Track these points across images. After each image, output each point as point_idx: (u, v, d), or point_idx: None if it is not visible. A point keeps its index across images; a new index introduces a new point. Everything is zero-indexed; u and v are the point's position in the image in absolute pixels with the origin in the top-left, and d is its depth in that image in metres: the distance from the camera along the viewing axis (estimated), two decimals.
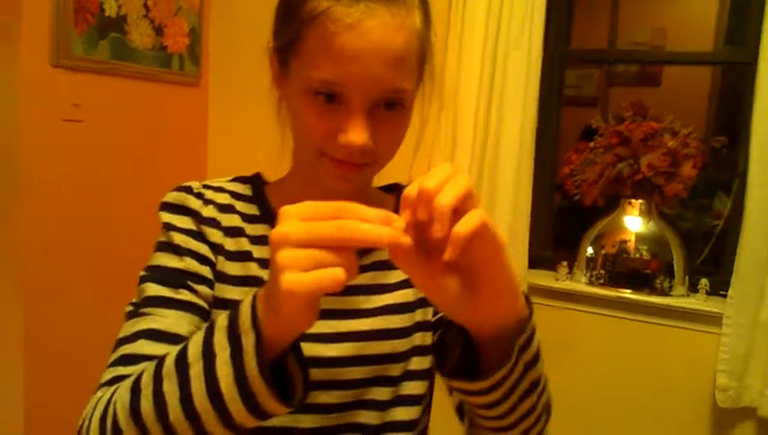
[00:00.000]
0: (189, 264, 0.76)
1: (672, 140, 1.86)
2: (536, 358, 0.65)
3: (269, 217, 0.81)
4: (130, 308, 0.74)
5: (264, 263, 0.78)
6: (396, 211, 0.61)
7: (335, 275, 0.50)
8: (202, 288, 0.76)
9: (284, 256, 0.50)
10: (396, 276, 0.83)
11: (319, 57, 0.67)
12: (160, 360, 0.61)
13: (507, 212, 2.04)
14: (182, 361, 0.58)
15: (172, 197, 0.80)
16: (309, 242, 0.50)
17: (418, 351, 0.82)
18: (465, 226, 0.51)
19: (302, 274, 0.50)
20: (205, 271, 0.77)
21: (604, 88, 3.82)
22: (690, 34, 3.69)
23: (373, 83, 0.67)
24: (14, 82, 1.83)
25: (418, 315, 0.83)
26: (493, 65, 2.01)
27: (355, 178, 0.73)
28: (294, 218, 0.51)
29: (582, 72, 3.95)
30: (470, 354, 0.65)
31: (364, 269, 0.81)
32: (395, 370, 0.80)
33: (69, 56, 1.94)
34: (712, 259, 2.24)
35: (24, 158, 1.86)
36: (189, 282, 0.75)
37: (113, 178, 2.11)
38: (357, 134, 0.68)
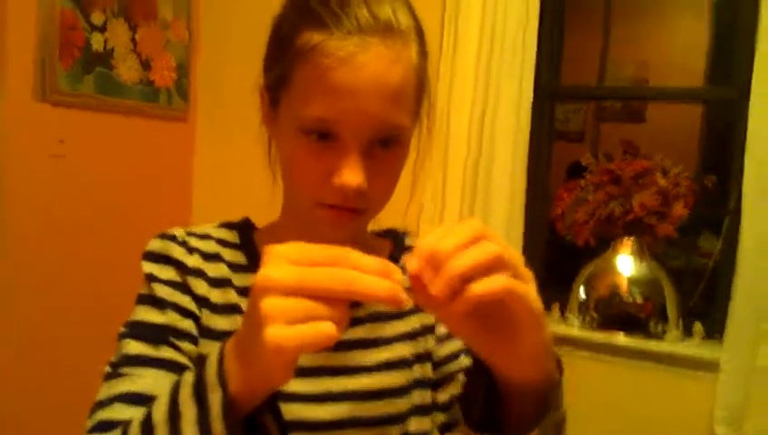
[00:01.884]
0: (171, 318, 0.71)
1: (663, 179, 1.85)
2: (563, 422, 0.62)
3: (257, 266, 0.77)
4: (108, 369, 0.69)
5: None
6: (393, 259, 0.58)
7: (327, 330, 0.45)
8: (185, 344, 0.71)
9: (270, 304, 0.45)
10: (393, 329, 0.79)
11: (311, 93, 0.64)
12: (126, 425, 0.57)
13: None
14: (147, 425, 0.54)
15: (155, 245, 0.75)
16: (299, 291, 0.46)
17: (418, 411, 0.78)
18: (481, 287, 0.48)
19: (290, 327, 0.45)
20: (188, 325, 0.72)
21: (591, 123, 3.84)
22: (673, 68, 3.74)
23: (369, 120, 0.64)
24: None
25: (417, 372, 0.79)
26: (485, 98, 2.01)
27: (350, 225, 0.70)
28: (283, 261, 0.47)
29: (569, 106, 3.99)
30: (495, 405, 0.62)
31: (358, 322, 0.77)
32: (392, 433, 0.75)
33: (54, 91, 1.91)
34: (704, 299, 2.22)
35: (8, 193, 1.82)
36: (171, 338, 0.70)
37: (98, 214, 2.06)
38: (351, 175, 0.64)
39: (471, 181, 2.05)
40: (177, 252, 0.75)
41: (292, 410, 0.69)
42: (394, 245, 0.85)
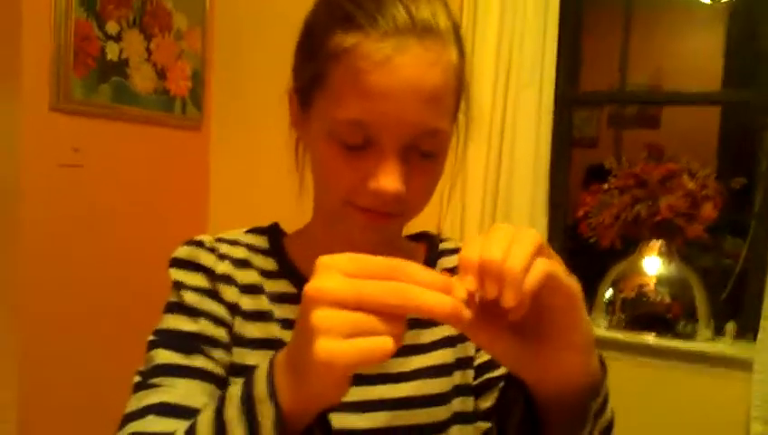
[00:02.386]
0: (203, 326, 0.68)
1: (691, 182, 1.82)
2: (611, 426, 0.58)
3: (289, 273, 0.74)
4: (138, 378, 0.66)
5: (287, 323, 0.71)
6: (427, 264, 0.54)
7: (383, 345, 0.42)
8: (218, 353, 0.68)
9: (322, 317, 0.42)
10: (432, 335, 0.75)
11: (346, 96, 0.61)
12: None
13: None
14: None
15: (183, 252, 0.72)
16: (355, 304, 0.42)
17: (459, 418, 0.74)
18: (529, 281, 0.44)
19: (344, 341, 0.42)
20: (221, 334, 0.69)
21: (606, 129, 3.81)
22: (687, 73, 3.71)
23: (407, 124, 0.61)
24: (14, 126, 1.78)
25: (457, 378, 0.75)
26: (504, 105, 1.98)
27: (384, 228, 0.66)
28: (335, 272, 0.43)
29: (582, 113, 3.96)
30: (534, 416, 0.57)
31: None
32: None
33: (69, 100, 1.89)
34: (732, 300, 2.17)
35: (23, 202, 1.80)
36: (204, 346, 0.67)
37: (113, 223, 2.04)
38: (389, 180, 0.61)
39: (492, 188, 2.01)
40: (207, 258, 0.72)
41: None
42: (428, 249, 0.81)
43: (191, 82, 2.31)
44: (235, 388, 0.50)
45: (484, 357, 0.76)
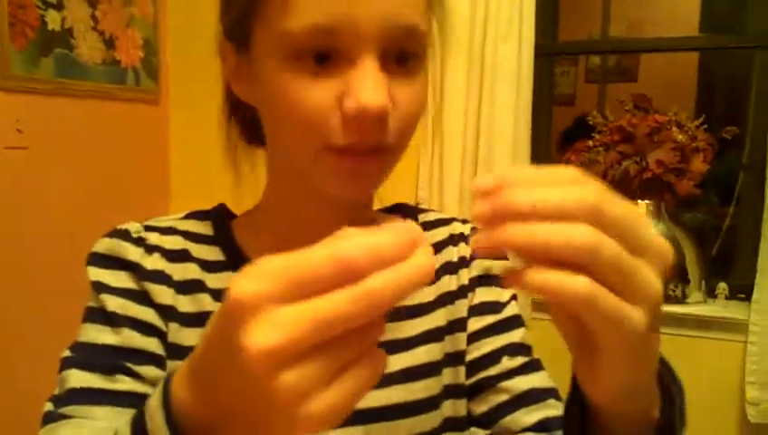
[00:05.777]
0: (128, 337, 0.56)
1: (681, 134, 1.72)
2: None
3: (237, 262, 0.61)
4: (49, 407, 0.53)
5: None
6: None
7: (367, 380, 0.32)
8: (148, 369, 0.56)
9: (291, 381, 0.30)
10: (413, 328, 0.63)
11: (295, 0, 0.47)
12: None
13: None
14: None
15: (103, 245, 0.60)
16: (314, 343, 0.30)
17: (450, 425, 0.63)
18: (543, 280, 0.32)
19: (325, 395, 0.31)
20: (151, 345, 0.57)
21: (582, 85, 3.71)
22: (663, 23, 3.61)
23: (381, 20, 0.48)
24: None
25: (447, 377, 0.63)
26: (481, 62, 1.85)
27: (370, 174, 0.53)
28: (272, 306, 0.30)
29: (558, 69, 3.84)
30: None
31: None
32: None
33: (8, 76, 1.72)
34: (722, 260, 2.11)
35: None
36: (128, 363, 0.55)
37: (66, 208, 1.88)
38: (372, 94, 0.47)
39: (471, 149, 1.90)
40: (132, 252, 0.59)
41: None
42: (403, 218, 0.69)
43: (143, 51, 2.14)
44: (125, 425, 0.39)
45: (478, 352, 0.64)
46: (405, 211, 0.71)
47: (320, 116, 0.49)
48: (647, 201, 1.84)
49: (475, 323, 0.65)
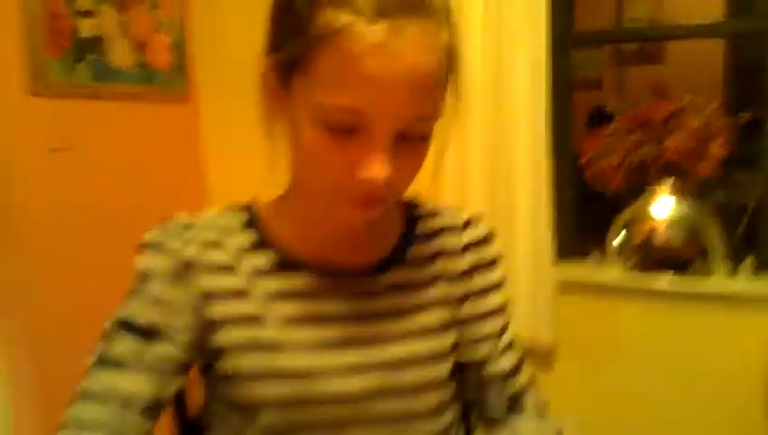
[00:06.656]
0: (165, 316, 0.70)
1: (696, 119, 1.73)
2: None
3: (265, 245, 0.74)
4: (93, 361, 0.73)
5: (268, 297, 0.72)
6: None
7: None
8: (181, 336, 0.70)
9: None
10: (420, 297, 0.77)
11: (337, 81, 0.57)
12: None
13: (526, 207, 1.92)
14: None
15: (149, 236, 0.73)
16: None
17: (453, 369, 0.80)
18: None
19: None
20: (181, 323, 0.70)
21: (608, 68, 3.69)
22: (688, 4, 3.56)
23: (402, 111, 0.59)
24: None
25: (453, 337, 0.80)
26: (498, 52, 1.88)
27: (375, 213, 0.66)
28: None
29: (582, 52, 3.82)
30: None
31: (385, 291, 0.76)
32: (431, 399, 0.76)
33: (48, 83, 1.82)
34: (746, 240, 2.11)
35: (11, 193, 1.75)
36: (160, 339, 0.69)
37: (108, 204, 1.99)
38: (379, 169, 0.60)
39: (491, 142, 1.94)
40: (174, 242, 0.72)
41: (320, 384, 0.69)
42: (405, 213, 0.83)
43: (172, 53, 2.23)
44: None
45: (468, 309, 0.80)
46: (405, 202, 0.83)
47: (338, 174, 0.62)
48: (671, 180, 1.85)
49: (481, 306, 0.82)
